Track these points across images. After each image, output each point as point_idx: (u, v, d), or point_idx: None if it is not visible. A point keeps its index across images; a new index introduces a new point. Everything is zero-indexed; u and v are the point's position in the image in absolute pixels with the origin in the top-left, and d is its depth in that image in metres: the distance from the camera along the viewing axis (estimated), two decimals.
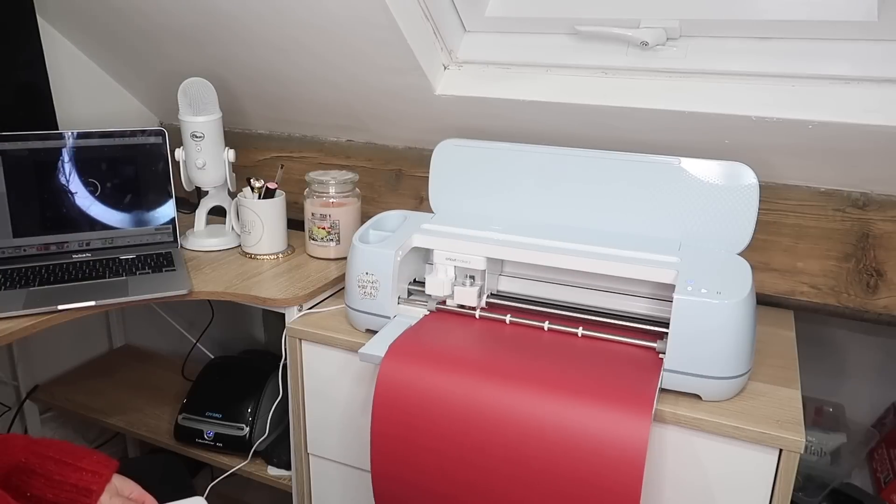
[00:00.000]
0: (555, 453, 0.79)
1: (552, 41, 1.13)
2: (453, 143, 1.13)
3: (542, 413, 0.81)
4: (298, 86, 1.34)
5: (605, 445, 0.77)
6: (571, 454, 0.79)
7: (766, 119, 1.00)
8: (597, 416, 0.79)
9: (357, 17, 1.08)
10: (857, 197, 1.09)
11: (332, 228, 1.25)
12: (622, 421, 0.78)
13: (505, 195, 1.10)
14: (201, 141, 1.28)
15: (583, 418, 0.79)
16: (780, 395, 0.89)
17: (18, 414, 1.54)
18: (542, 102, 1.13)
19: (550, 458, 0.80)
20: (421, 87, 1.19)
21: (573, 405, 0.80)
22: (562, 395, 0.81)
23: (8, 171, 1.20)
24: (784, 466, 0.81)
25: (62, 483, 0.80)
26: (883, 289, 1.09)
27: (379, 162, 1.44)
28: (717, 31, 1.01)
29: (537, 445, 0.80)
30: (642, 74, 1.07)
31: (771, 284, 1.15)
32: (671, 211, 1.00)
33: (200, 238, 1.35)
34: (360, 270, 1.01)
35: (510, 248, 0.98)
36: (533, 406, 0.81)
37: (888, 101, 0.93)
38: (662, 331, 0.91)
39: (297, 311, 1.11)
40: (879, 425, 1.32)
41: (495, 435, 0.82)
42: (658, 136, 1.11)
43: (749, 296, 0.84)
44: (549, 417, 0.80)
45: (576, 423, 0.79)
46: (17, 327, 0.99)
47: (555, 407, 0.81)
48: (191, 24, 1.28)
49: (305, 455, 1.16)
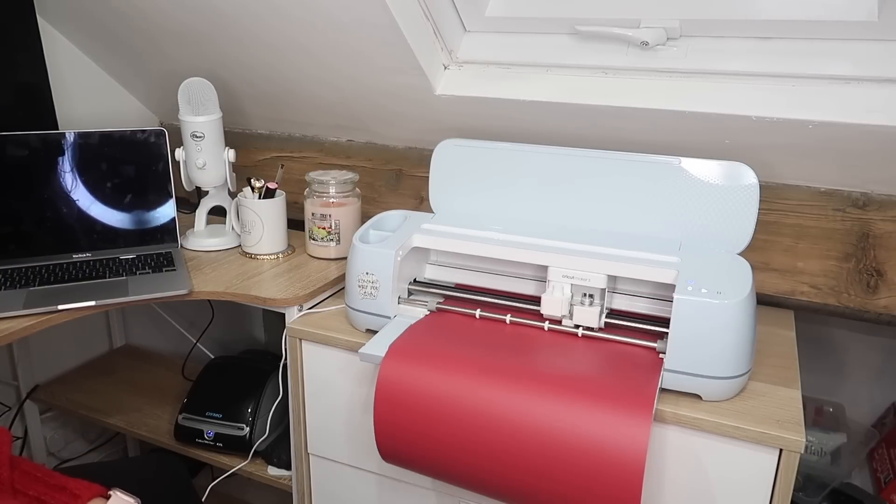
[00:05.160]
0: (555, 451, 0.79)
1: (552, 41, 1.13)
2: (453, 143, 1.13)
3: (542, 412, 0.81)
4: (299, 86, 1.34)
5: (605, 445, 0.77)
6: (571, 453, 0.79)
7: (766, 119, 1.00)
8: (597, 415, 0.79)
9: (357, 18, 1.08)
10: (858, 197, 1.09)
11: (333, 228, 1.25)
12: (623, 420, 0.78)
13: (505, 195, 1.10)
14: (201, 141, 1.28)
15: (583, 417, 0.79)
16: (781, 394, 0.89)
17: (18, 414, 1.54)
18: (542, 102, 1.13)
19: (551, 456, 0.80)
20: (421, 87, 1.19)
21: (573, 404, 0.80)
22: (562, 394, 0.81)
23: (8, 172, 1.20)
24: (784, 466, 0.81)
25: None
26: (883, 289, 1.09)
27: (379, 162, 1.44)
28: (717, 31, 1.01)
29: (537, 443, 0.80)
30: (642, 74, 1.07)
31: (771, 284, 1.15)
32: (671, 211, 1.00)
33: (200, 238, 1.35)
34: (361, 270, 1.01)
35: (510, 248, 0.98)
36: (533, 405, 0.81)
37: (888, 101, 0.93)
38: (663, 331, 0.91)
39: (298, 311, 1.11)
40: (879, 425, 1.32)
41: (495, 433, 0.82)
42: (658, 136, 1.11)
43: (749, 296, 0.84)
44: (549, 416, 0.80)
45: (576, 423, 0.79)
46: (17, 327, 0.99)
47: (554, 406, 0.81)
48: (191, 25, 1.28)
49: (306, 455, 1.16)
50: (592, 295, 0.96)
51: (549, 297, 0.96)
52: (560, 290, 0.96)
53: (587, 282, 0.95)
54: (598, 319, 0.94)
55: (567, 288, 0.96)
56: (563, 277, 0.96)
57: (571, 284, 0.96)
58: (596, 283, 0.94)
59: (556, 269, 0.96)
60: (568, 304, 0.96)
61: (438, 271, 1.11)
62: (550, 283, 0.97)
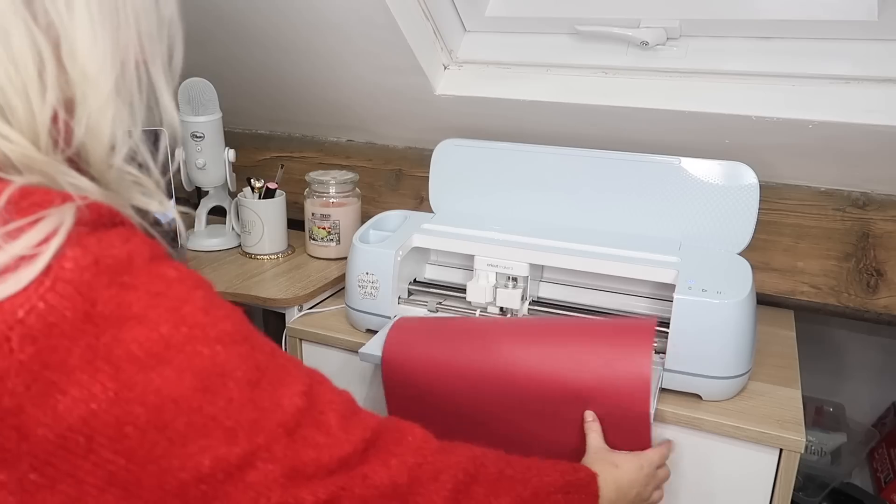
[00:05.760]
0: (559, 383, 0.80)
1: (552, 41, 1.13)
2: (453, 143, 1.13)
3: (543, 353, 0.82)
4: (299, 86, 1.34)
5: (609, 354, 0.79)
6: (576, 381, 0.79)
7: (766, 119, 1.00)
8: (598, 339, 0.82)
9: (357, 17, 1.08)
10: (858, 196, 1.09)
11: (333, 228, 1.25)
12: (623, 342, 0.80)
13: (505, 195, 1.10)
14: (201, 141, 1.28)
15: (585, 345, 0.81)
16: (781, 394, 0.89)
17: None
18: (542, 102, 1.13)
19: (556, 385, 0.80)
20: (421, 87, 1.19)
21: (574, 341, 0.82)
22: (562, 337, 0.83)
23: None
24: (784, 466, 0.81)
25: None
26: (883, 288, 1.09)
27: (379, 162, 1.44)
28: (717, 31, 1.01)
29: (541, 381, 0.81)
30: (642, 74, 1.07)
31: (771, 284, 1.15)
32: (671, 211, 1.00)
33: (200, 238, 1.35)
34: (361, 270, 1.01)
35: (510, 248, 0.98)
36: (533, 350, 0.82)
37: (888, 101, 0.94)
38: (663, 330, 0.91)
39: (298, 311, 1.11)
40: (879, 425, 1.32)
41: (501, 381, 0.82)
42: (658, 136, 1.11)
43: (749, 296, 0.84)
44: (551, 353, 0.81)
45: (579, 352, 0.81)
46: None
47: (554, 347, 0.82)
48: (190, 24, 1.27)
49: None
50: (516, 279, 0.99)
51: (474, 285, 0.98)
52: (485, 278, 0.99)
53: (510, 270, 0.97)
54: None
55: (492, 275, 0.99)
56: (489, 266, 0.98)
57: (496, 272, 0.98)
58: (519, 271, 0.97)
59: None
60: (493, 289, 0.98)
61: (438, 271, 1.11)
62: (476, 271, 0.99)
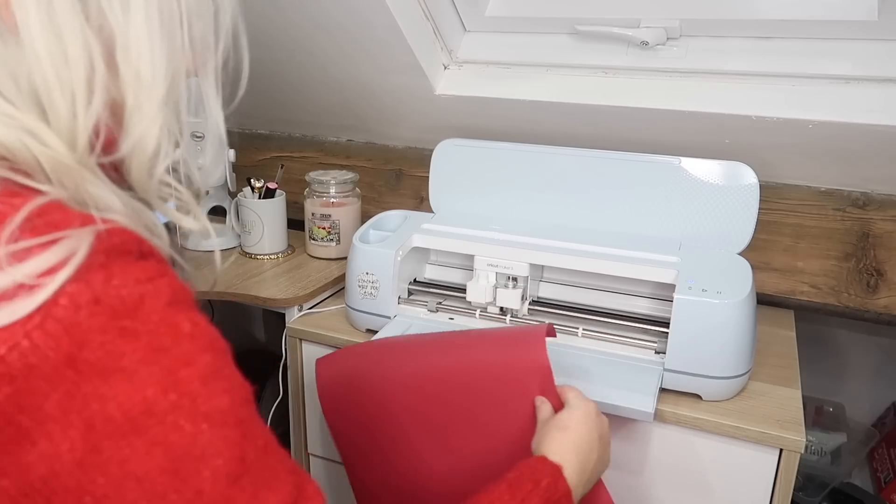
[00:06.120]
0: (473, 369, 0.81)
1: (552, 41, 1.13)
2: (453, 143, 1.13)
3: (455, 352, 0.83)
4: (299, 85, 1.34)
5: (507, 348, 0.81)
6: (483, 363, 0.81)
7: (766, 119, 1.00)
8: (500, 332, 0.84)
9: (357, 17, 1.08)
10: (858, 196, 1.09)
11: (333, 228, 1.25)
12: (521, 330, 0.83)
13: (505, 195, 1.10)
14: (201, 141, 1.28)
15: (487, 337, 0.84)
16: (781, 394, 0.89)
17: None
18: (542, 102, 1.13)
19: (471, 371, 0.81)
20: (421, 86, 1.19)
21: (479, 336, 0.85)
22: (469, 339, 0.85)
23: None
24: (784, 466, 0.81)
25: None
26: (883, 288, 1.09)
27: (379, 162, 1.44)
28: (717, 31, 1.01)
29: (453, 375, 0.81)
30: (642, 74, 1.07)
31: (771, 284, 1.15)
32: (671, 211, 1.00)
33: (200, 238, 1.34)
34: (361, 270, 1.01)
35: (510, 248, 0.98)
36: (447, 350, 0.84)
37: (888, 101, 0.94)
38: (663, 330, 0.91)
39: (298, 311, 1.11)
40: (879, 425, 1.32)
41: (430, 388, 0.82)
42: (658, 136, 1.11)
43: (749, 295, 0.84)
44: (456, 357, 0.82)
45: (483, 344, 0.83)
46: None
47: (464, 343, 0.84)
48: None
49: (305, 455, 1.16)
50: (516, 279, 0.99)
51: (474, 284, 0.98)
52: (485, 278, 0.98)
53: (510, 270, 0.97)
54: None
55: (492, 275, 0.98)
56: (488, 266, 0.98)
57: (496, 272, 0.98)
58: (519, 271, 0.97)
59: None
60: (493, 289, 0.98)
61: (438, 271, 1.11)
62: (476, 271, 0.99)
